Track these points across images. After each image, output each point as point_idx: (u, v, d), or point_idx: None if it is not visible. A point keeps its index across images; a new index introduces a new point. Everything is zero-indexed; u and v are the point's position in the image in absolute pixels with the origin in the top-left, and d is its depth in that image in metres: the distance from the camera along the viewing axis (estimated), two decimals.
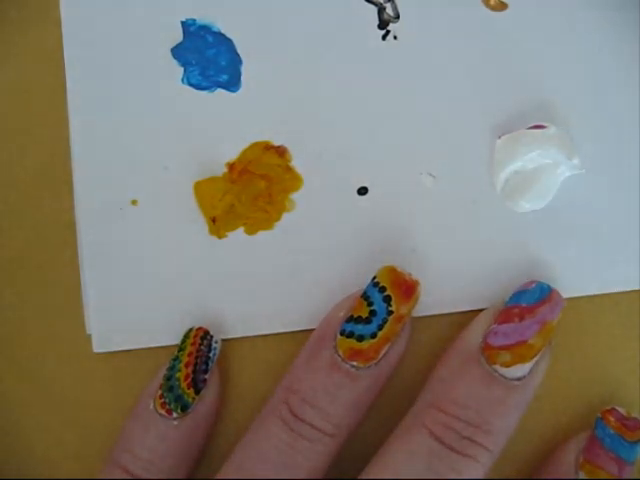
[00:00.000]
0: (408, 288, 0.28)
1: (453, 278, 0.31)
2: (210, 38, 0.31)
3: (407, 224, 0.31)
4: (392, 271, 0.28)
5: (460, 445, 0.27)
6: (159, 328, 0.31)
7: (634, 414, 0.29)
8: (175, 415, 0.29)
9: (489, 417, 0.27)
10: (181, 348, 0.30)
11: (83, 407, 0.32)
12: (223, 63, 0.31)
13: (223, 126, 0.31)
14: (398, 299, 0.28)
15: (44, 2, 0.31)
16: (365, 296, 0.28)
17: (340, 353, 0.28)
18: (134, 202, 0.31)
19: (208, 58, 0.31)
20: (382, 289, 0.28)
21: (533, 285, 0.29)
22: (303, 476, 0.27)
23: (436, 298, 0.31)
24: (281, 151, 0.31)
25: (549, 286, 0.28)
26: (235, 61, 0.31)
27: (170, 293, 0.31)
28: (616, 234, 0.31)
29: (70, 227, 0.31)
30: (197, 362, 0.29)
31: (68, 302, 0.31)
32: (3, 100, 0.32)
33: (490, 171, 0.31)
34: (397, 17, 0.31)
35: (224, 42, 0.31)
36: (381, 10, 0.31)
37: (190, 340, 0.30)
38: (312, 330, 0.30)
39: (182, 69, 0.31)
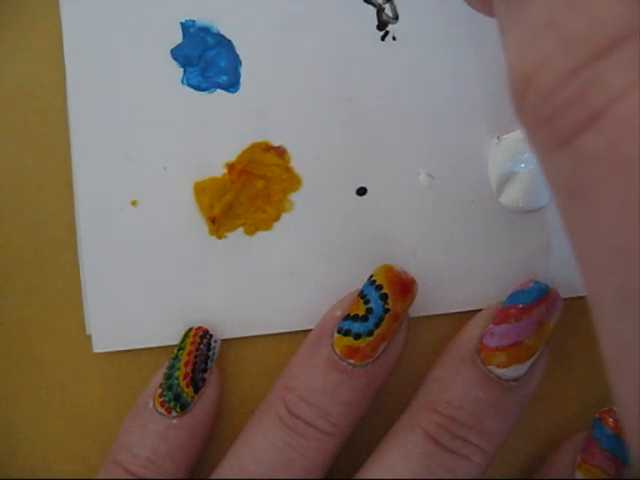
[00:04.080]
0: (404, 286, 0.28)
1: (452, 278, 0.31)
2: (210, 39, 0.31)
3: (406, 224, 0.31)
4: (389, 269, 0.28)
5: (454, 445, 0.27)
6: (159, 328, 0.31)
7: None
8: (174, 414, 0.29)
9: (483, 417, 0.27)
10: (181, 347, 0.30)
11: (83, 407, 0.31)
12: (223, 64, 0.31)
13: (222, 127, 0.31)
14: (394, 297, 0.28)
15: (44, 2, 0.31)
16: (362, 294, 0.28)
17: (337, 351, 0.28)
18: (134, 202, 0.31)
19: (208, 59, 0.31)
20: (378, 287, 0.28)
21: (531, 284, 0.28)
22: (299, 475, 0.27)
23: (436, 298, 0.31)
24: (280, 151, 0.31)
25: (547, 285, 0.28)
26: (235, 62, 0.31)
27: (170, 293, 0.31)
28: None
29: (70, 227, 0.31)
30: (196, 361, 0.29)
31: (68, 302, 0.31)
32: (3, 100, 0.32)
33: (489, 171, 0.31)
34: (396, 18, 0.31)
35: (224, 43, 0.31)
36: (380, 11, 0.31)
37: (189, 339, 0.30)
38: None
39: (182, 70, 0.31)
